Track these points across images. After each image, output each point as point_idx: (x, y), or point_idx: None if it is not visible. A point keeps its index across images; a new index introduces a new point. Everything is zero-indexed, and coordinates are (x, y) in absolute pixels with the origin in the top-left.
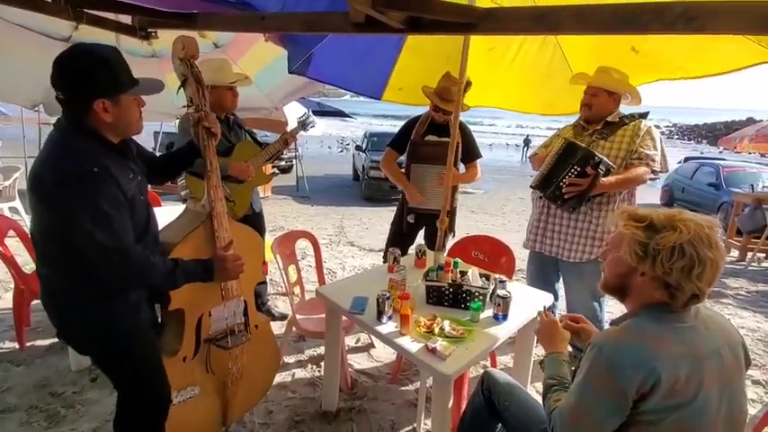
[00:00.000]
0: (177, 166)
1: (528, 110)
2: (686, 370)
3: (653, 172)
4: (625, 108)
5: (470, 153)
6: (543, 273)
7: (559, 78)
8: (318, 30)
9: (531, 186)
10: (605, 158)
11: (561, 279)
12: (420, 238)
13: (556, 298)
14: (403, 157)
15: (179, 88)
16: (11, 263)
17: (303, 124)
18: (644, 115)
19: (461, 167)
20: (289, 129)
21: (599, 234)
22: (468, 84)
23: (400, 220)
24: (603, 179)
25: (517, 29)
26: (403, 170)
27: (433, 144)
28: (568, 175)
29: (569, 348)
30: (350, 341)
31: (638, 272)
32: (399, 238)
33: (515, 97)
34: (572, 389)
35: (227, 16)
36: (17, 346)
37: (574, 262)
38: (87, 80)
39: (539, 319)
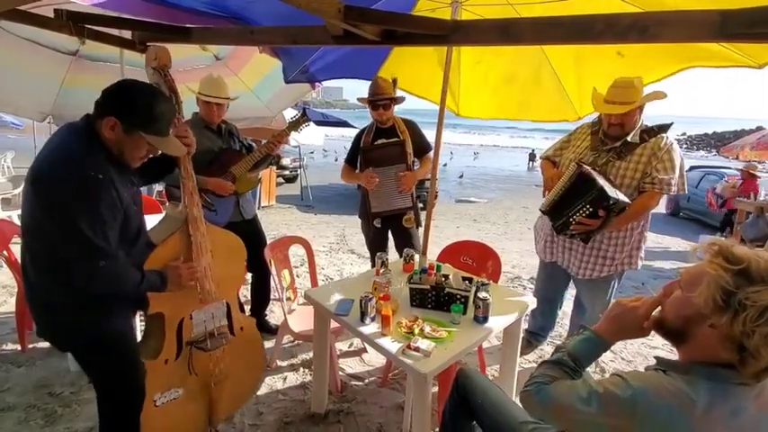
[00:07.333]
0: (157, 170)
1: (521, 117)
2: None
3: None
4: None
5: (421, 147)
6: (553, 282)
7: (548, 87)
8: (302, 42)
9: (540, 210)
10: (620, 197)
11: (569, 289)
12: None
13: (560, 306)
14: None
15: None
16: (16, 267)
17: (296, 124)
18: (665, 128)
19: (416, 164)
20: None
21: (610, 253)
22: (395, 81)
23: (367, 226)
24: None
25: (483, 40)
26: None
27: (381, 146)
28: (578, 213)
29: None
30: (343, 346)
31: (707, 321)
32: (371, 242)
33: (508, 106)
34: (576, 394)
35: (219, 30)
36: (19, 348)
37: (586, 278)
38: (126, 105)
39: (632, 297)
